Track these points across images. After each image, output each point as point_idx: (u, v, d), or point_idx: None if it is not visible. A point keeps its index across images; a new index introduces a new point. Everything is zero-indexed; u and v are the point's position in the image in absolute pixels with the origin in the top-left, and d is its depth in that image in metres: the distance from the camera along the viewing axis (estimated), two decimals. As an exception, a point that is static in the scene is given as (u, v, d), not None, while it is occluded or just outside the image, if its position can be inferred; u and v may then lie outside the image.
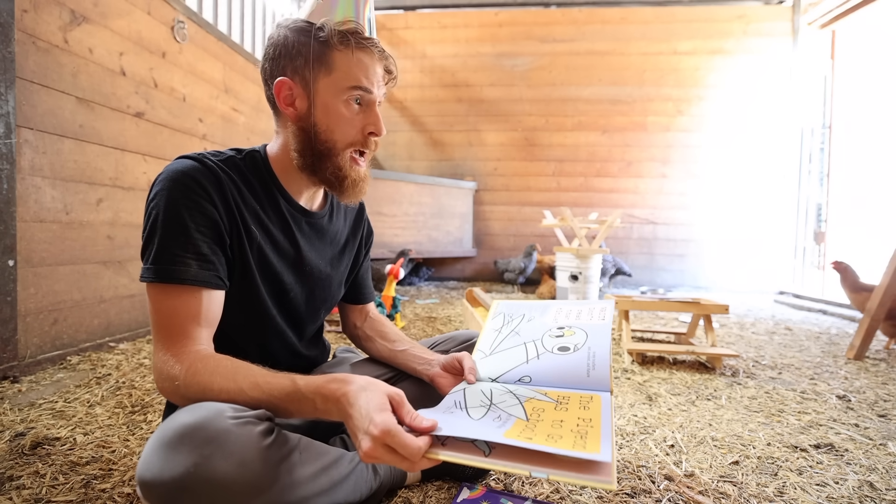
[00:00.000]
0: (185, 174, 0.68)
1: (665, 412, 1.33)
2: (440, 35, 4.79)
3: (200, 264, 0.67)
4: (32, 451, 0.99)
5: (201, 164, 0.71)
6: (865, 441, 1.16)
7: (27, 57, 1.49)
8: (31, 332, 1.52)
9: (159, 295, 0.66)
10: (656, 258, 4.62)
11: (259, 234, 0.76)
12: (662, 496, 0.88)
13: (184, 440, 0.52)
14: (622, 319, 2.02)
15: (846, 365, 1.89)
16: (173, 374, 0.62)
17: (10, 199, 1.43)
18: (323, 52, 0.72)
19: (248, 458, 0.54)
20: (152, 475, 0.52)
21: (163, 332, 0.66)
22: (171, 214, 0.66)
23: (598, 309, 0.87)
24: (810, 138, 4.41)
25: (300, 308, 0.86)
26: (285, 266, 0.81)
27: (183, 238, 0.66)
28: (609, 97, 4.62)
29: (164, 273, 0.65)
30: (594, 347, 0.77)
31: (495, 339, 0.86)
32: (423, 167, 4.84)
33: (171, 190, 0.67)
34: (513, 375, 0.76)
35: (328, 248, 0.90)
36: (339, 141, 0.75)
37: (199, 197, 0.68)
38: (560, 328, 0.83)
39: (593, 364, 0.74)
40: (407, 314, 2.84)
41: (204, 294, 0.68)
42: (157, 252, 0.66)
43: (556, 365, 0.75)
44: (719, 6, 4.48)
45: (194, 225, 0.67)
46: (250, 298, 0.77)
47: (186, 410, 0.56)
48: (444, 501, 0.84)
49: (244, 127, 2.82)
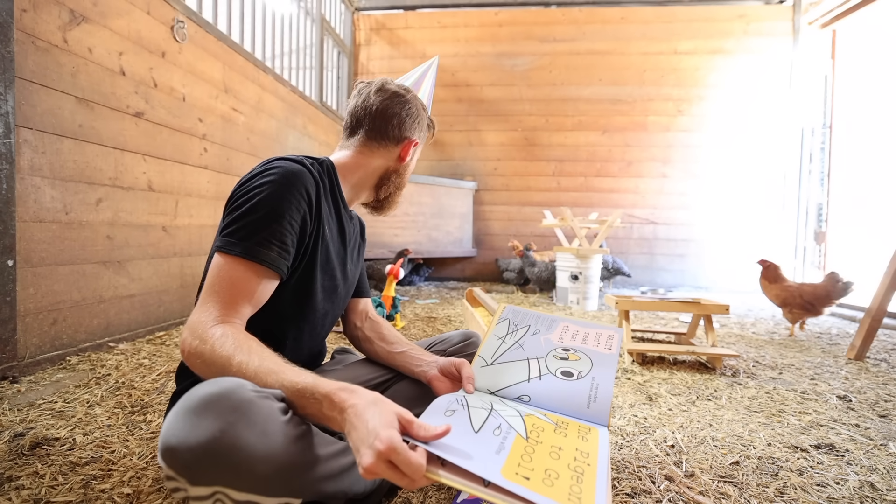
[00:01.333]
0: (297, 175, 0.78)
1: (665, 412, 1.33)
2: (440, 35, 4.79)
3: (280, 252, 0.75)
4: (32, 451, 0.98)
5: (308, 170, 0.81)
6: (866, 441, 1.16)
7: (26, 56, 1.48)
8: (30, 333, 1.52)
9: (232, 264, 0.72)
10: (656, 258, 4.61)
11: (328, 233, 0.87)
12: (663, 496, 0.88)
13: (209, 407, 0.53)
14: (622, 319, 2.02)
15: (847, 365, 1.88)
16: (205, 336, 0.66)
17: (10, 198, 1.43)
18: (424, 128, 0.99)
19: (271, 429, 0.55)
20: (178, 440, 0.52)
21: (216, 296, 0.71)
22: (274, 204, 0.74)
23: (605, 336, 0.87)
24: (811, 138, 4.41)
25: (341, 298, 0.97)
26: (338, 264, 0.92)
27: (275, 226, 0.74)
28: (609, 97, 4.62)
29: (251, 251, 0.72)
30: (598, 379, 0.77)
31: (498, 349, 0.85)
32: (423, 167, 4.83)
33: (281, 184, 0.76)
34: (512, 392, 0.76)
35: (354, 251, 1.02)
36: (402, 192, 1.02)
37: (302, 197, 0.78)
38: (565, 350, 0.83)
39: (595, 396, 0.74)
40: (407, 314, 2.83)
41: (265, 279, 0.75)
42: (249, 231, 0.73)
43: (558, 389, 0.75)
44: (720, 6, 4.48)
45: (289, 217, 0.76)
46: (306, 290, 0.84)
47: (209, 383, 0.57)
48: (444, 501, 0.84)
49: (244, 127, 2.82)
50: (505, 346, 0.86)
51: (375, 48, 4.88)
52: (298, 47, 3.83)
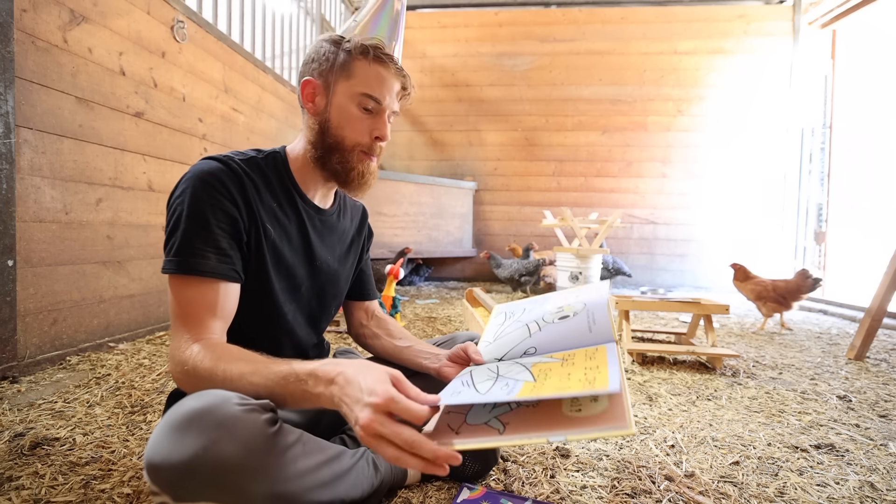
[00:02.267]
0: (210, 174, 0.73)
1: (665, 412, 1.33)
2: (440, 35, 4.79)
3: (219, 258, 0.71)
4: (32, 451, 0.98)
5: (225, 166, 0.76)
6: (866, 441, 1.16)
7: (26, 56, 1.48)
8: (30, 333, 1.52)
9: (180, 285, 0.70)
10: (656, 258, 4.61)
11: (275, 230, 0.80)
12: (663, 496, 0.88)
13: (192, 424, 0.53)
14: (622, 319, 2.02)
15: (847, 365, 1.88)
16: (183, 359, 0.65)
17: (10, 199, 1.43)
18: (346, 60, 0.79)
19: (255, 443, 0.55)
20: (161, 457, 0.53)
21: (180, 321, 0.69)
22: (194, 210, 0.71)
23: (594, 288, 0.89)
24: (811, 138, 4.41)
25: (312, 302, 0.90)
26: (298, 261, 0.86)
27: (204, 233, 0.70)
28: (609, 97, 4.62)
29: (186, 265, 0.69)
30: (591, 307, 0.77)
31: (498, 330, 0.86)
32: (423, 167, 4.83)
33: (195, 188, 0.72)
34: (518, 350, 0.76)
35: (337, 245, 0.95)
36: (347, 138, 0.81)
37: (222, 196, 0.73)
38: (559, 307, 0.83)
39: (594, 320, 0.74)
40: (407, 314, 2.84)
41: (221, 286, 0.72)
42: (180, 245, 0.70)
43: (559, 330, 0.75)
44: (720, 6, 4.48)
45: (215, 221, 0.71)
46: (263, 295, 0.80)
47: (194, 397, 0.57)
48: (445, 501, 0.84)
49: (244, 127, 2.82)
50: (504, 326, 0.86)
51: (375, 48, 4.88)
52: (298, 47, 3.83)
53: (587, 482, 0.93)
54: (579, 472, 0.97)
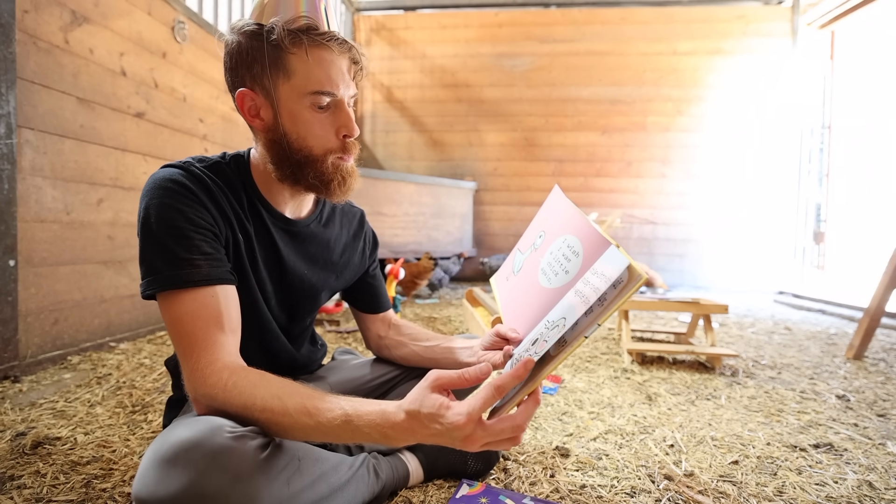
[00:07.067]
0: (172, 181, 0.66)
1: (665, 412, 1.33)
2: (440, 35, 4.80)
3: (210, 262, 0.64)
4: (33, 450, 0.99)
5: (186, 171, 0.69)
6: (864, 441, 1.16)
7: (28, 57, 1.49)
8: (31, 332, 1.53)
9: (173, 305, 0.62)
10: (656, 258, 4.62)
11: (242, 241, 0.74)
12: (662, 496, 0.88)
13: (179, 457, 0.52)
14: (622, 319, 2.02)
15: (845, 365, 1.89)
16: (210, 394, 0.58)
17: (11, 199, 1.43)
18: (278, 57, 0.66)
19: (245, 472, 0.54)
20: (148, 492, 0.51)
21: (186, 345, 0.61)
22: (165, 221, 0.63)
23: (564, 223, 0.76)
24: (810, 138, 4.42)
25: (279, 316, 0.83)
26: (267, 275, 0.79)
27: (184, 241, 0.63)
28: (609, 97, 4.63)
29: (175, 279, 0.62)
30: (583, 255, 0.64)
31: (507, 295, 0.79)
32: (423, 167, 4.84)
33: (161, 197, 0.64)
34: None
35: (321, 255, 0.86)
36: (314, 147, 0.71)
37: (191, 201, 0.66)
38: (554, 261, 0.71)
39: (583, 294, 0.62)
40: (407, 314, 2.84)
41: (220, 292, 0.64)
42: (161, 261, 0.62)
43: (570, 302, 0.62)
44: (719, 6, 4.48)
45: (192, 227, 0.64)
46: (245, 298, 0.75)
47: (184, 425, 0.55)
48: (445, 501, 0.84)
49: (244, 127, 2.80)
50: (511, 284, 0.80)
51: (375, 49, 4.88)
52: (298, 48, 3.83)
53: (587, 481, 0.93)
54: (579, 471, 0.98)
